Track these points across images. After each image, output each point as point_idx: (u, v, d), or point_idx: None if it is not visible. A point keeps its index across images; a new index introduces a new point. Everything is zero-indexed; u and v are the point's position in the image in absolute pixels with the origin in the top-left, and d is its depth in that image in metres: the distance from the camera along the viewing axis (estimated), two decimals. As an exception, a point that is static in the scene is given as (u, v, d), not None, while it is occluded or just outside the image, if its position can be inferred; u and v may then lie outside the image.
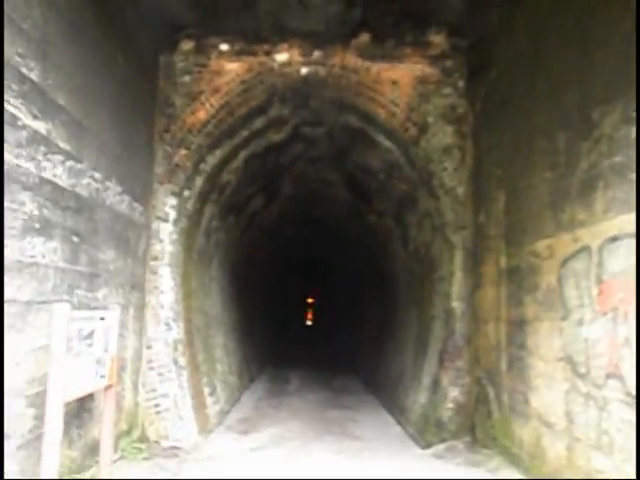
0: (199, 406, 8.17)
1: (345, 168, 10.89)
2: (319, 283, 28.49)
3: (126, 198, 6.36)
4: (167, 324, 7.26)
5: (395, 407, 9.96)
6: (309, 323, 35.13)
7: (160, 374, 7.10)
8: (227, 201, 10.11)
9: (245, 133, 8.42)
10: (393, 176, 9.32)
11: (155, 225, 7.31)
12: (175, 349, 7.42)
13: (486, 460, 6.11)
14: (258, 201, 12.16)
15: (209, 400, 8.96)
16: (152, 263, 7.25)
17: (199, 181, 7.97)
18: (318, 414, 10.04)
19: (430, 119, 7.54)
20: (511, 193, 6.19)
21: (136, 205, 6.68)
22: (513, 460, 5.78)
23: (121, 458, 6.11)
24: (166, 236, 7.35)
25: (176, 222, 7.56)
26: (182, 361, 7.65)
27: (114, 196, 6.03)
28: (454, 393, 7.17)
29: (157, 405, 7.03)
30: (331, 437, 8.08)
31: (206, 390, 8.95)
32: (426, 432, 7.36)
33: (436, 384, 7.58)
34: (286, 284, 26.29)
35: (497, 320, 6.37)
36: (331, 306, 28.56)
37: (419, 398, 8.29)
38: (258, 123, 8.46)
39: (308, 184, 12.61)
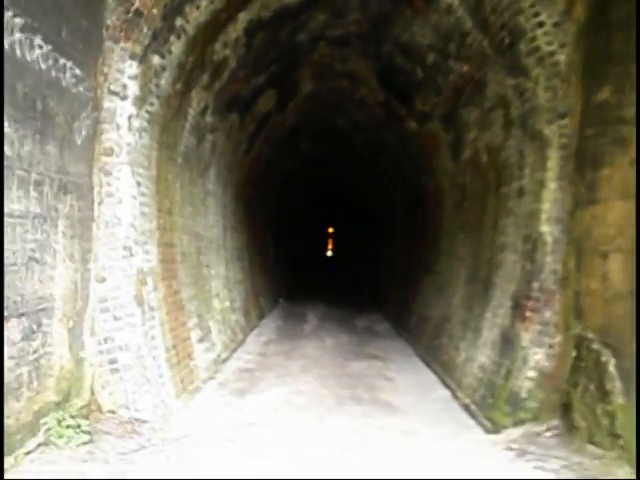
0: (181, 358, 6.10)
1: (380, 53, 8.28)
2: (341, 210, 26.04)
3: (48, 52, 3.99)
4: (127, 248, 5.05)
5: (437, 361, 7.83)
6: (329, 254, 33.12)
7: (117, 318, 4.96)
8: (226, 90, 7.66)
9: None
10: (449, 54, 6.74)
11: (108, 103, 4.95)
12: (141, 283, 5.25)
13: (603, 467, 3.92)
14: (269, 99, 9.65)
15: (198, 348, 6.90)
16: (104, 159, 4.96)
17: (177, 46, 5.53)
18: (338, 367, 7.96)
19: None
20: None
21: (67, 64, 4.30)
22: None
23: (44, 444, 4.05)
24: (124, 121, 5.01)
25: (141, 102, 5.20)
26: (153, 299, 5.52)
27: (25, 46, 3.68)
28: (537, 356, 4.93)
29: (113, 361, 4.93)
30: (356, 406, 5.98)
31: (194, 335, 6.87)
32: (492, 408, 5.19)
33: (508, 341, 5.35)
34: (304, 210, 23.97)
35: (627, 253, 4.01)
36: (354, 235, 26.34)
37: (477, 356, 6.11)
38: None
39: (332, 80, 10.05)
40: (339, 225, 30.44)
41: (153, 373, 5.16)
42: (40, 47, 3.90)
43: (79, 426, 4.33)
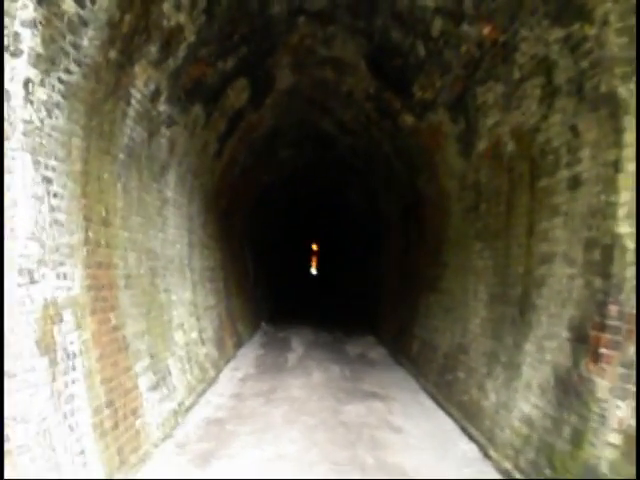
0: (120, 419, 4.50)
1: (372, 29, 6.84)
2: (327, 223, 24.45)
3: None
4: (25, 271, 3.47)
5: (452, 402, 6.31)
6: (314, 272, 31.55)
7: (9, 375, 3.37)
8: (184, 73, 6.16)
9: None
10: (463, 15, 5.29)
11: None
12: (51, 320, 3.68)
13: None
14: (241, 91, 8.18)
15: (149, 399, 5.30)
16: (-9, 143, 3.41)
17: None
18: (331, 413, 6.39)
19: None
20: None
21: None
22: None
23: None
24: (18, 88, 3.46)
25: (47, 64, 3.66)
26: (74, 342, 3.95)
27: None
28: (621, 412, 3.43)
29: (6, 439, 3.33)
30: (360, 476, 4.44)
31: (144, 382, 5.28)
32: (554, 485, 3.67)
33: (570, 389, 3.84)
34: (286, 225, 22.42)
35: None
36: (341, 251, 24.84)
37: (517, 403, 4.60)
38: None
39: (314, 70, 8.62)
40: (324, 240, 28.91)
41: (67, 452, 3.56)
42: None
43: None
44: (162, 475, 4.46)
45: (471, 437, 5.33)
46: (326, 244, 28.90)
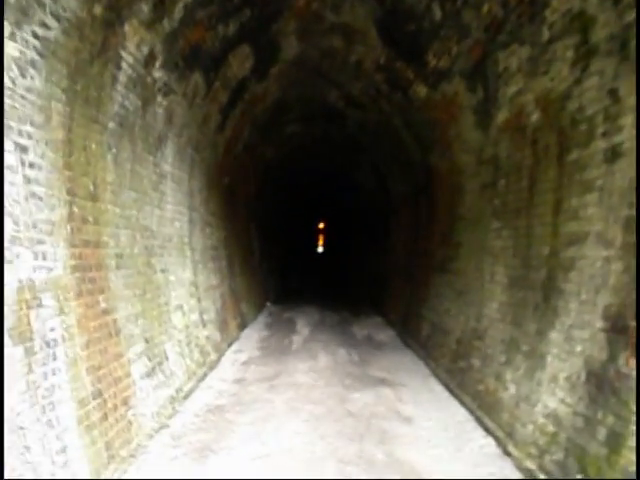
0: (110, 410, 4.17)
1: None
2: (334, 201, 23.92)
3: None
4: (-2, 250, 3.09)
5: (466, 390, 5.94)
6: (320, 250, 31.17)
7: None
8: (181, 36, 5.69)
9: None
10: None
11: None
12: (26, 305, 3.30)
13: None
14: (244, 60, 7.70)
15: (144, 387, 4.96)
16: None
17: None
18: (337, 401, 6.03)
19: None
20: None
21: None
22: None
23: None
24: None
25: (17, 14, 3.23)
26: (56, 328, 3.59)
27: None
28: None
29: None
30: (367, 475, 4.09)
31: (137, 369, 4.94)
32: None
33: (605, 384, 3.45)
34: (293, 202, 21.96)
35: None
36: (348, 229, 24.41)
37: (541, 397, 4.21)
38: None
39: (322, 38, 8.12)
40: (331, 218, 28.45)
41: (45, 450, 3.22)
42: None
43: None
44: (153, 471, 4.13)
45: (488, 430, 4.97)
46: (333, 222, 28.46)
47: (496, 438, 4.72)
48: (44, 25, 3.47)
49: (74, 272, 3.97)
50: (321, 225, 30.64)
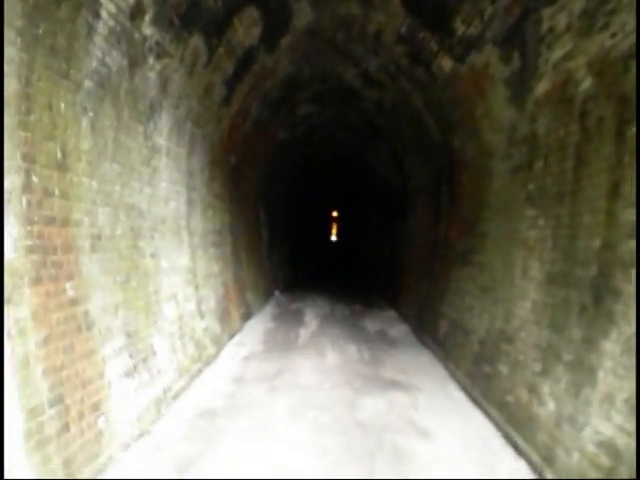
0: (73, 419, 3.51)
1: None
2: (349, 187, 23.07)
3: None
4: None
5: (492, 400, 5.22)
6: (334, 238, 30.43)
7: None
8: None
9: None
10: None
11: None
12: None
13: None
14: (251, 25, 6.96)
15: (121, 389, 4.31)
16: None
17: None
18: (345, 408, 5.34)
19: None
20: None
21: None
22: None
23: None
24: None
25: None
26: (2, 324, 2.93)
27: None
28: None
29: None
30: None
31: (115, 368, 4.28)
32: None
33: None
34: (305, 187, 21.19)
35: None
36: (362, 217, 23.62)
37: (591, 419, 3.48)
38: None
39: (338, 3, 7.36)
40: (346, 206, 27.67)
41: (-26, 478, 2.56)
42: None
43: None
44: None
45: (519, 451, 4.25)
46: (347, 210, 27.68)
47: (530, 462, 4.01)
48: (-13, -55, 2.78)
49: (30, 254, 3.30)
50: (335, 213, 29.88)
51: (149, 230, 5.55)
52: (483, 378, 5.70)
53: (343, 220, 29.39)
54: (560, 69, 4.64)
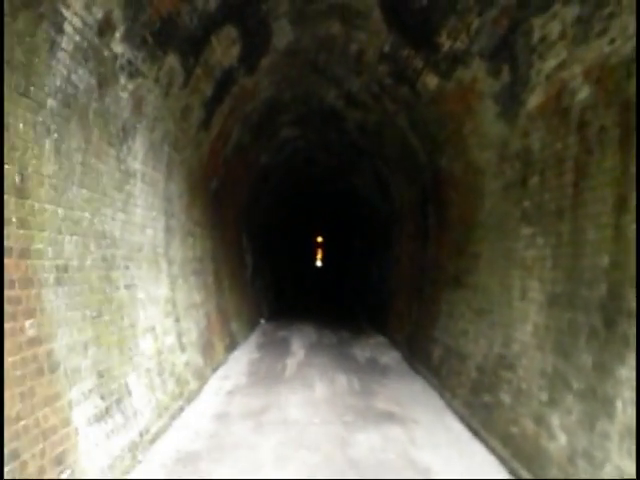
0: (34, 475, 3.10)
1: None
2: (333, 211, 22.80)
3: None
4: None
5: (494, 431, 4.88)
6: (319, 264, 30.10)
7: None
8: (148, 3, 4.70)
9: None
10: None
11: None
12: None
13: None
14: (230, 45, 6.71)
15: (90, 435, 3.90)
16: None
17: None
18: (337, 445, 4.94)
19: None
20: None
21: None
22: None
23: None
24: None
25: None
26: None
27: None
28: None
29: None
30: None
31: (82, 414, 3.87)
32: None
33: None
34: (289, 212, 20.90)
35: None
36: (348, 242, 23.37)
37: (610, 455, 3.16)
38: None
39: (319, 22, 7.17)
40: (330, 231, 27.39)
41: None
42: None
43: None
44: None
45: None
46: (332, 235, 27.42)
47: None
48: None
49: (-19, 290, 2.94)
50: (319, 239, 29.60)
51: (123, 259, 5.18)
52: (483, 408, 5.37)
53: (328, 245, 29.12)
54: (554, 80, 4.44)
